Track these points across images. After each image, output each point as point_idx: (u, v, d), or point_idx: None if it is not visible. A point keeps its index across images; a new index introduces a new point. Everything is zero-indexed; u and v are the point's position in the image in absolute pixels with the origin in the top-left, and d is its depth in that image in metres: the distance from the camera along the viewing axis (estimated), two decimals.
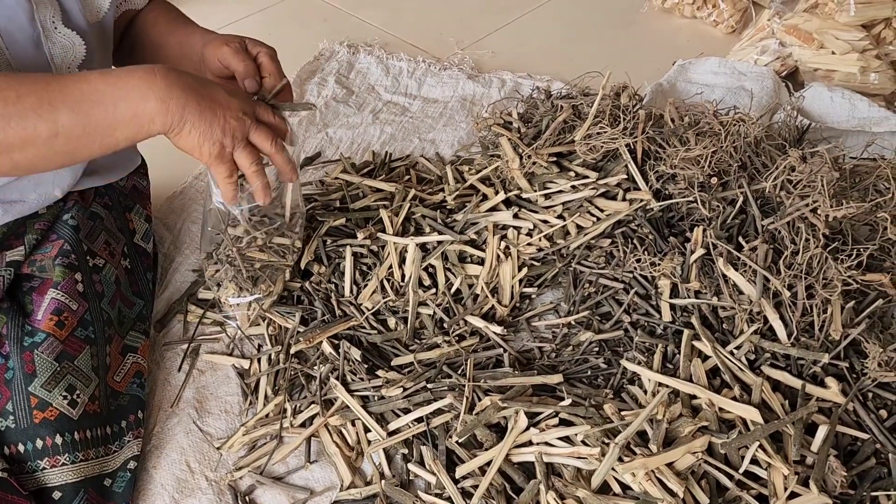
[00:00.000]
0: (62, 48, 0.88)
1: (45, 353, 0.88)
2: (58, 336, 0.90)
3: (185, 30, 1.04)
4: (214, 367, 1.06)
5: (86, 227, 1.01)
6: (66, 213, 1.00)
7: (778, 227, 1.03)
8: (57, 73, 0.88)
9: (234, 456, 0.96)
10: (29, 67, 0.86)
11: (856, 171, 1.17)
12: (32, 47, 0.85)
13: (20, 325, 0.90)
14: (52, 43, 0.87)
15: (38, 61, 0.86)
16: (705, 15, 1.93)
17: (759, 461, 0.84)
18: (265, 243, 1.04)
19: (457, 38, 1.90)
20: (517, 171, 1.17)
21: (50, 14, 0.87)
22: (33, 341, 0.89)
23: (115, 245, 1.05)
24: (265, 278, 1.05)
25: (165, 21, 1.06)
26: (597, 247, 1.12)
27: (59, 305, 0.92)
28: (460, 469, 0.87)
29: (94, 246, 1.01)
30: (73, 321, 0.92)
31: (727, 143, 1.12)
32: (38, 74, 0.77)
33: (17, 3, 0.83)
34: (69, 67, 0.90)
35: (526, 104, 1.38)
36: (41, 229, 0.97)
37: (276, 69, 0.95)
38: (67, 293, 0.93)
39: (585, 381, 0.98)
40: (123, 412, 0.94)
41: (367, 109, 1.59)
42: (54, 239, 0.97)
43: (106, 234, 1.04)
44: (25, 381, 0.86)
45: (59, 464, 0.85)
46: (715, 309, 1.00)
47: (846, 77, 1.57)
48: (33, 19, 0.84)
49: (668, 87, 1.55)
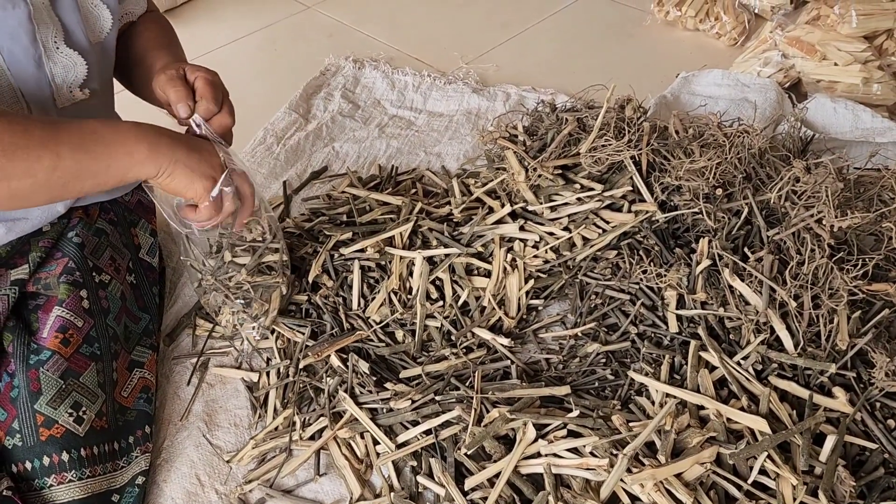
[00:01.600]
0: (63, 68, 0.90)
1: (50, 370, 0.89)
2: (63, 353, 0.90)
3: (157, 53, 1.04)
4: (223, 381, 1.07)
5: (91, 244, 1.02)
6: (71, 231, 1.00)
7: (783, 238, 1.03)
8: (57, 92, 0.90)
9: (243, 469, 0.97)
10: (30, 87, 0.87)
11: (860, 181, 1.17)
12: (34, 67, 0.87)
13: (26, 343, 0.91)
14: (53, 63, 0.88)
15: (40, 81, 0.88)
16: (708, 27, 1.94)
17: (768, 471, 0.84)
18: (253, 267, 1.05)
19: (461, 52, 1.92)
20: (523, 184, 1.18)
21: (52, 34, 0.88)
22: (38, 359, 0.89)
23: (121, 261, 1.06)
24: (256, 298, 1.06)
25: (147, 38, 1.07)
26: (603, 258, 1.13)
27: (63, 323, 0.92)
28: (469, 481, 0.87)
29: (100, 262, 1.02)
30: (79, 338, 0.93)
31: (732, 155, 1.13)
32: (40, 117, 0.81)
33: (20, 24, 0.84)
34: (70, 87, 0.91)
35: (531, 117, 1.39)
36: (45, 247, 0.97)
37: (210, 93, 0.93)
38: (72, 310, 0.94)
39: (593, 393, 0.98)
40: (131, 427, 0.95)
41: (373, 123, 1.60)
42: (59, 257, 0.98)
43: (111, 250, 1.05)
44: (31, 399, 0.87)
45: (66, 480, 0.85)
46: (721, 320, 1.01)
47: (849, 88, 1.58)
48: (35, 39, 0.86)
49: (672, 100, 1.56)
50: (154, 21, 1.11)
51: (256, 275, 1.05)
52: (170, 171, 0.84)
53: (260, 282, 1.06)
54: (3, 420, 0.87)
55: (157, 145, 0.83)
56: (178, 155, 0.84)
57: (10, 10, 0.83)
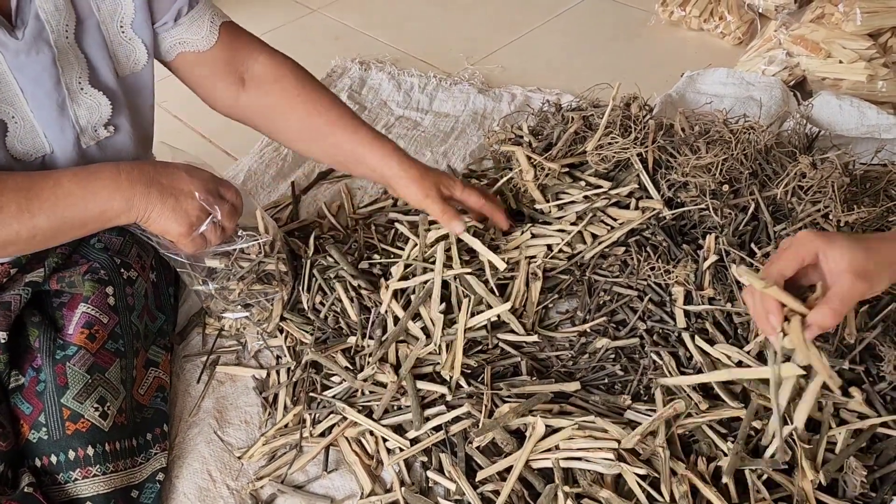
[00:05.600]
0: (88, 109, 0.91)
1: (76, 365, 0.89)
2: (89, 349, 0.91)
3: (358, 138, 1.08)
4: (234, 379, 1.07)
5: (115, 245, 1.02)
6: (93, 237, 1.01)
7: (790, 233, 1.04)
8: (81, 133, 0.91)
9: (254, 465, 0.97)
10: (54, 130, 0.89)
11: (866, 176, 1.17)
12: (57, 112, 0.88)
13: (52, 338, 0.91)
14: (77, 105, 0.89)
15: (63, 125, 0.89)
16: (712, 27, 1.95)
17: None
18: (250, 277, 1.06)
19: (466, 53, 1.92)
20: (531, 183, 1.19)
21: (76, 75, 0.88)
22: (65, 354, 0.90)
23: (146, 258, 1.07)
24: (257, 305, 1.07)
25: (334, 106, 1.09)
26: (611, 255, 1.13)
27: (89, 319, 0.93)
28: (481, 473, 0.88)
29: (129, 258, 1.02)
30: (104, 334, 0.94)
31: (738, 151, 1.13)
32: (15, 177, 0.83)
33: (44, 68, 0.85)
34: (94, 128, 0.92)
35: (537, 117, 1.39)
36: (62, 253, 0.97)
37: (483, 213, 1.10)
38: (98, 307, 0.94)
39: (603, 388, 0.99)
40: (149, 425, 0.96)
41: (379, 124, 1.61)
42: (81, 262, 0.98)
43: (137, 247, 1.05)
44: (58, 394, 0.87)
45: (90, 475, 0.86)
46: (729, 315, 1.01)
47: (854, 85, 1.58)
48: (59, 83, 0.87)
49: (678, 98, 1.56)
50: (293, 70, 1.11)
51: (256, 283, 1.06)
52: (144, 219, 0.89)
53: (258, 290, 1.06)
54: (29, 414, 0.88)
55: (130, 199, 0.87)
56: (151, 204, 0.88)
57: (33, 55, 0.83)
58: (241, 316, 1.08)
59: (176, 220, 0.90)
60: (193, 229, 0.91)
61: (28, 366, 0.91)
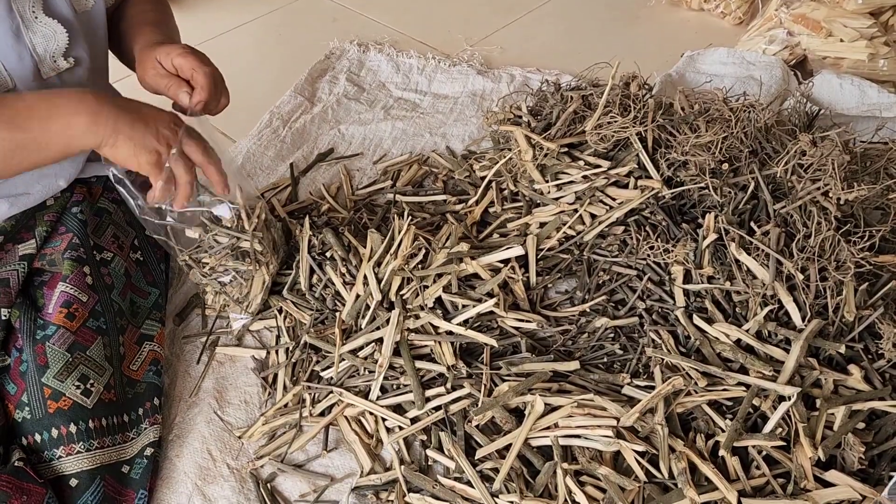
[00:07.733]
0: (43, 37, 0.90)
1: (56, 344, 0.90)
2: (69, 328, 0.91)
3: (141, 29, 1.03)
4: (233, 359, 1.08)
5: (93, 223, 1.03)
6: (75, 207, 1.01)
7: (790, 211, 1.03)
8: (40, 62, 0.90)
9: (254, 445, 0.97)
10: (12, 59, 0.87)
11: (866, 154, 1.17)
12: (13, 38, 0.87)
13: (32, 318, 0.92)
14: (32, 33, 0.89)
15: (21, 52, 0.88)
16: (712, 7, 1.93)
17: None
18: (223, 251, 1.04)
19: (465, 35, 1.91)
20: (530, 163, 1.18)
21: (29, 4, 0.88)
22: (45, 334, 0.90)
23: (125, 238, 1.07)
24: (233, 281, 1.06)
25: (136, 13, 1.05)
26: (610, 234, 1.13)
27: (68, 298, 0.93)
28: (480, 452, 0.88)
29: (102, 241, 1.03)
30: (84, 313, 0.94)
31: (737, 129, 1.13)
32: None
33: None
34: (52, 56, 0.91)
35: (536, 97, 1.38)
36: (50, 220, 0.98)
37: (208, 88, 0.93)
38: (76, 286, 0.95)
39: (602, 367, 0.99)
40: (140, 400, 0.96)
41: (378, 106, 1.60)
42: (63, 231, 0.99)
43: (114, 228, 1.06)
44: (38, 373, 0.88)
45: (74, 452, 0.86)
46: (728, 293, 1.01)
47: (855, 64, 1.57)
48: (11, 10, 0.86)
49: (678, 78, 1.55)
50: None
51: (232, 260, 1.05)
52: (111, 142, 0.84)
53: (231, 266, 1.05)
54: (14, 394, 0.89)
55: (96, 115, 0.82)
56: (120, 125, 0.83)
57: None
58: (219, 290, 1.07)
59: (145, 144, 0.85)
60: (163, 160, 0.87)
61: (12, 346, 0.91)
